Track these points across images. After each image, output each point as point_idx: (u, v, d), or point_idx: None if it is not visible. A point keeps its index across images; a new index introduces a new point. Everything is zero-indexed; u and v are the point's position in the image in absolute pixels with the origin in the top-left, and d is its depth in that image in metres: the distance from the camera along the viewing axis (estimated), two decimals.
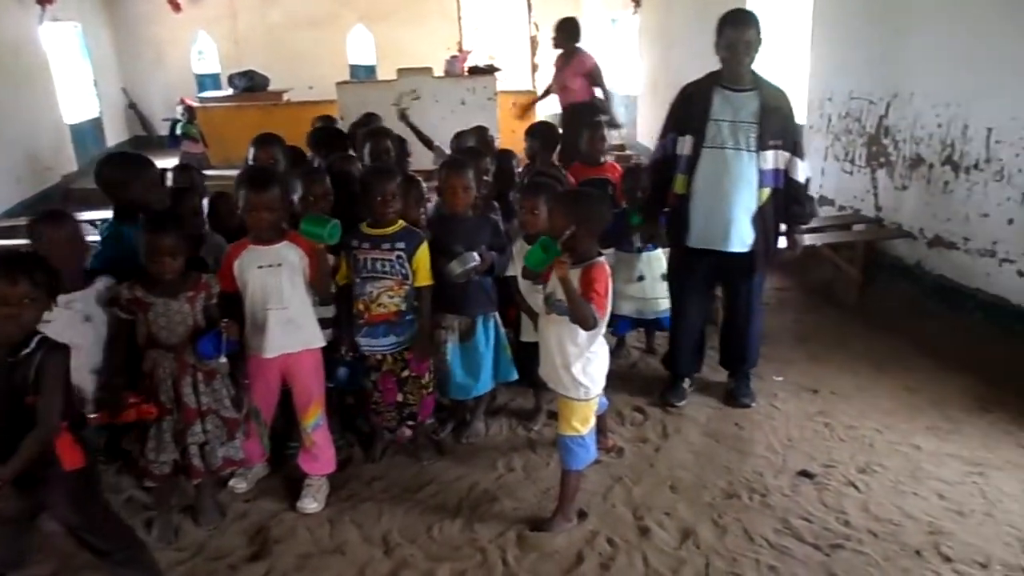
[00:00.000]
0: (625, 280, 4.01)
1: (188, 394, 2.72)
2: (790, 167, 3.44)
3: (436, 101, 8.91)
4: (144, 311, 2.65)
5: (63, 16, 10.53)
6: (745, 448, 3.47)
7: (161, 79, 12.90)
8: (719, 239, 3.48)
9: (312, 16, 13.02)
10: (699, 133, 3.40)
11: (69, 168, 10.13)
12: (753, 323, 3.79)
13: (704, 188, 3.44)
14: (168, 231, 2.62)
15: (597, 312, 2.57)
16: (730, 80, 3.40)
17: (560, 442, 2.82)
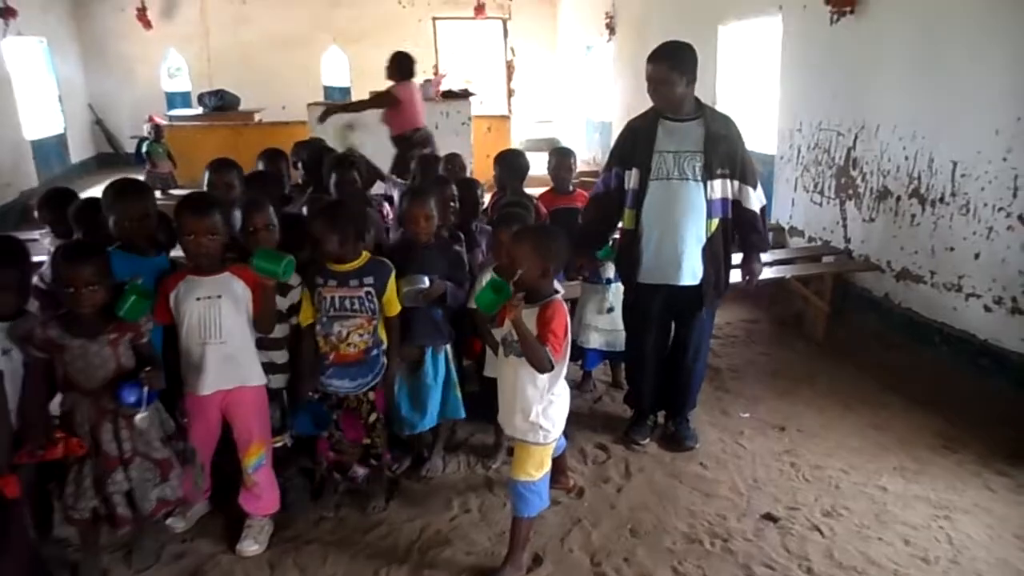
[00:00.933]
0: (595, 312, 3.94)
1: (108, 440, 2.52)
2: (741, 196, 3.36)
3: None
4: (59, 353, 2.45)
5: (27, 31, 10.36)
6: (709, 489, 3.36)
7: (129, 96, 12.73)
8: (670, 273, 3.40)
9: (286, 36, 12.94)
10: (644, 166, 3.33)
11: (29, 184, 9.91)
12: (699, 362, 3.66)
13: (652, 221, 3.36)
14: (88, 258, 2.42)
15: (553, 355, 2.46)
16: (670, 111, 3.33)
17: (512, 488, 2.70)
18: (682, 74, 3.22)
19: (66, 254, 2.44)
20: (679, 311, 3.56)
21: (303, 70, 13.02)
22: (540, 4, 13.43)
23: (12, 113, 9.83)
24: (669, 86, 3.23)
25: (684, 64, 3.24)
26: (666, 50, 3.28)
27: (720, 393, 4.21)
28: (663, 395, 3.80)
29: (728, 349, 4.91)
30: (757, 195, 3.37)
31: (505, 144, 10.94)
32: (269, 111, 11.71)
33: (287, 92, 11.61)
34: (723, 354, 4.80)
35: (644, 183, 3.35)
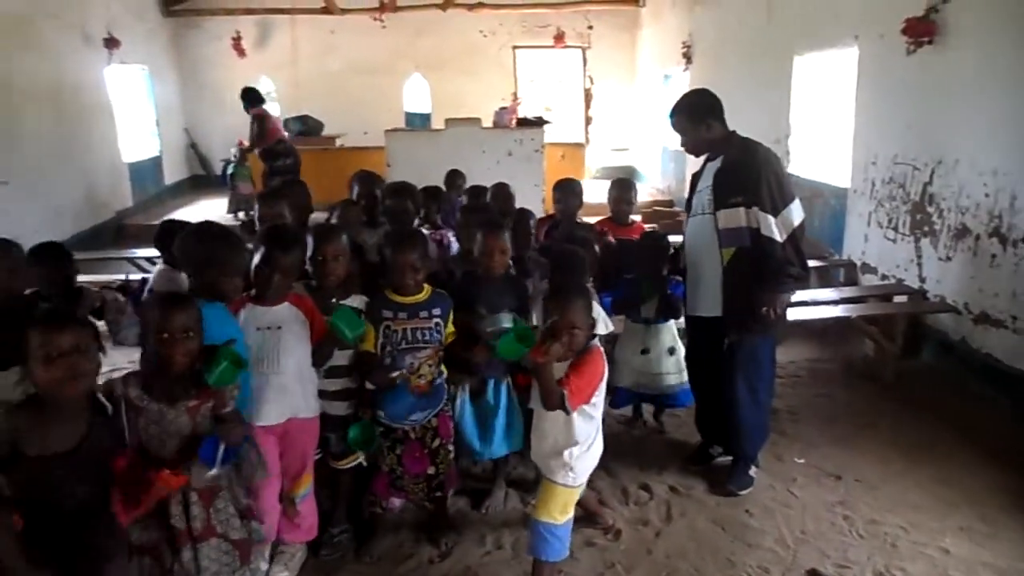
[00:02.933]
0: (630, 352, 3.87)
1: (176, 516, 2.27)
2: (760, 224, 3.24)
3: (483, 152, 8.94)
4: (136, 414, 2.22)
5: (131, 59, 10.99)
6: (753, 539, 3.21)
7: (221, 121, 13.29)
8: (696, 304, 3.55)
9: (371, 64, 13.32)
10: (688, 207, 3.62)
11: (124, 204, 10.47)
12: (742, 403, 3.46)
13: (688, 257, 3.59)
14: (185, 305, 2.27)
15: (569, 398, 2.41)
16: (702, 154, 3.53)
17: (534, 527, 2.65)
18: (700, 121, 3.39)
19: (161, 300, 2.34)
20: (714, 344, 3.46)
21: (386, 97, 13.35)
22: (620, 33, 13.42)
23: (112, 137, 10.44)
24: (690, 135, 3.46)
25: (701, 112, 3.41)
26: (680, 103, 3.51)
27: (775, 436, 4.00)
28: (714, 430, 3.74)
29: (788, 389, 4.71)
30: (779, 221, 3.21)
31: (579, 172, 10.98)
32: (351, 136, 12.05)
33: (370, 118, 11.91)
34: (782, 394, 4.59)
35: (687, 224, 3.61)
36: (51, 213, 8.30)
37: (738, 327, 3.36)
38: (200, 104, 13.40)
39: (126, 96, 11.23)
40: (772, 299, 3.29)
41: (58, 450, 1.95)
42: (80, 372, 1.96)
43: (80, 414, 2.01)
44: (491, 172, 7.87)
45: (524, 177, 8.87)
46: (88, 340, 1.99)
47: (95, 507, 2.03)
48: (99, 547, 2.05)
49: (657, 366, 3.83)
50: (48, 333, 1.94)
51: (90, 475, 2.00)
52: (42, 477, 1.95)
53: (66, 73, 9.08)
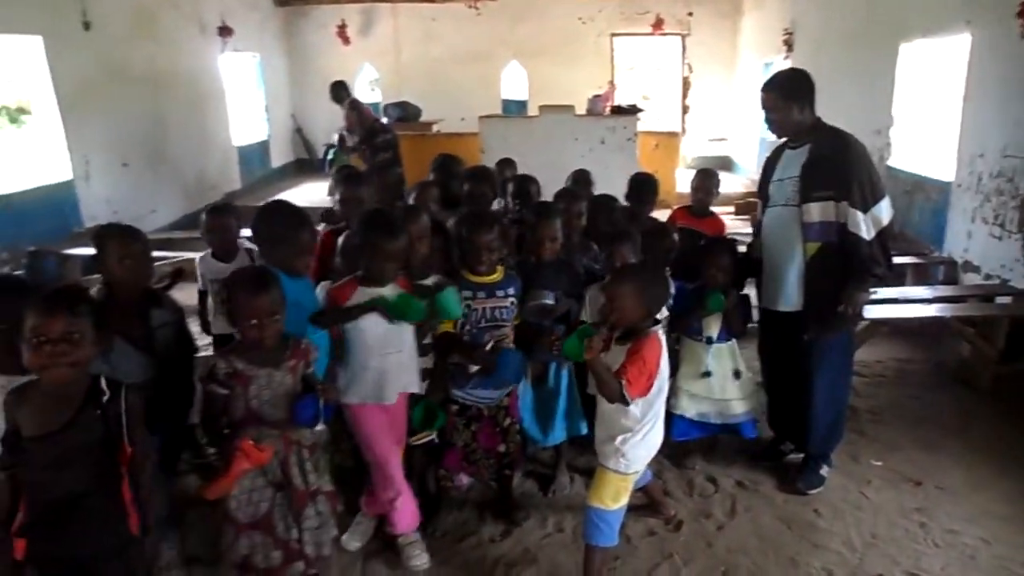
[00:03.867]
0: (689, 375, 3.46)
1: (297, 475, 2.38)
2: (848, 219, 3.13)
3: (575, 139, 8.93)
4: (245, 385, 2.31)
5: (243, 47, 11.51)
6: (819, 540, 3.13)
7: (326, 107, 13.70)
8: (772, 298, 3.42)
9: (471, 51, 13.47)
10: (764, 195, 3.48)
11: (233, 186, 11.00)
12: (819, 401, 3.38)
13: (764, 249, 3.45)
14: (268, 288, 2.31)
15: (627, 388, 2.41)
16: (790, 140, 3.36)
17: (586, 512, 2.67)
18: (794, 102, 3.22)
19: (245, 285, 2.31)
20: (792, 340, 3.37)
21: (484, 84, 13.48)
22: (720, 20, 13.07)
23: (224, 121, 10.99)
24: (780, 113, 3.25)
25: (796, 92, 3.24)
26: (777, 79, 3.35)
27: (853, 436, 3.88)
28: (790, 427, 3.65)
29: (871, 389, 4.53)
30: (868, 218, 3.10)
31: (673, 161, 10.81)
32: (448, 122, 12.23)
33: (467, 104, 12.03)
34: (865, 394, 4.43)
35: (763, 213, 3.47)
36: (166, 194, 8.82)
37: (819, 323, 3.27)
38: (306, 90, 13.88)
39: (238, 82, 11.77)
40: (854, 297, 3.20)
41: (44, 432, 1.91)
42: (67, 360, 1.89)
43: (71, 399, 1.93)
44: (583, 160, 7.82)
45: (616, 165, 8.77)
46: (82, 328, 1.91)
47: (88, 500, 1.95)
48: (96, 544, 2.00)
49: (721, 391, 3.44)
50: (39, 318, 1.88)
51: (75, 462, 1.93)
52: (31, 458, 1.92)
53: (183, 61, 9.61)
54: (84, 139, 7.18)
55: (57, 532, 1.94)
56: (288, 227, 2.79)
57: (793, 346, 3.37)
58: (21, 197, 6.41)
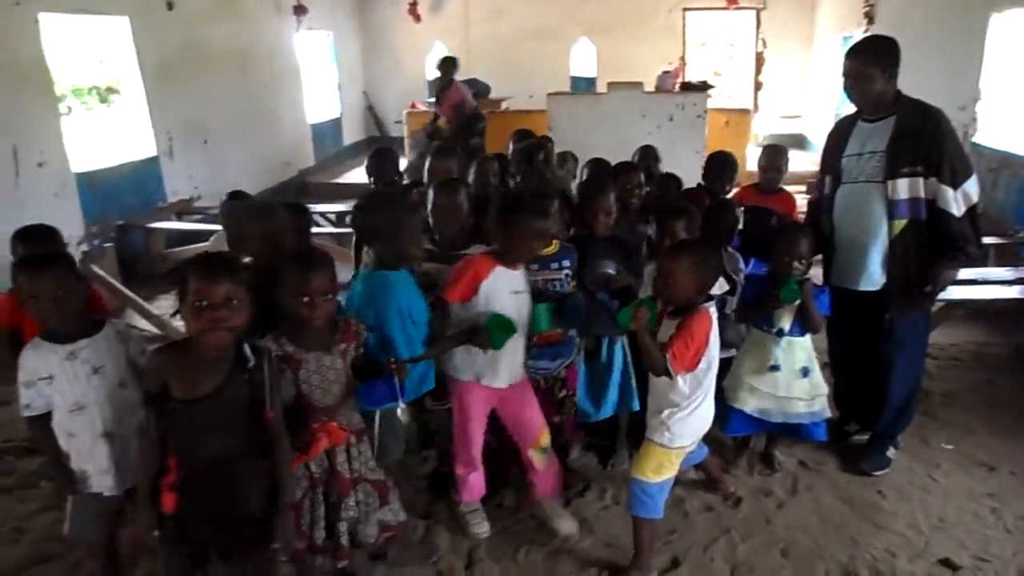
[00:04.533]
0: (754, 367, 3.24)
1: (342, 461, 2.37)
2: (937, 196, 3.03)
3: (643, 116, 8.82)
4: (295, 370, 2.28)
5: (317, 25, 11.72)
6: (882, 521, 3.09)
7: (397, 84, 13.93)
8: (850, 278, 3.29)
9: (540, 28, 13.41)
10: (835, 171, 3.31)
11: (307, 163, 11.26)
12: (896, 381, 3.31)
13: (838, 227, 3.31)
14: (323, 266, 2.29)
15: (672, 362, 2.43)
16: (866, 112, 3.20)
17: (630, 484, 2.70)
18: (883, 69, 3.05)
19: (300, 262, 2.29)
20: (868, 319, 3.29)
21: (553, 61, 13.39)
22: None
23: (299, 99, 11.23)
24: (867, 81, 3.07)
25: (886, 58, 3.07)
26: (867, 43, 3.21)
27: (924, 419, 3.79)
28: (857, 407, 3.59)
29: (946, 372, 4.40)
30: (958, 194, 3.00)
31: (743, 139, 10.57)
32: (516, 99, 12.21)
33: (536, 82, 11.97)
34: (938, 376, 4.31)
35: (834, 189, 3.31)
36: (243, 170, 9.07)
37: (903, 302, 3.19)
38: (378, 68, 14.08)
39: (312, 60, 12.00)
40: (943, 276, 3.13)
41: (197, 395, 1.96)
42: (227, 324, 1.93)
43: (222, 363, 1.99)
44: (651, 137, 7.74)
45: (684, 143, 8.67)
46: (241, 295, 1.96)
47: (237, 463, 2.02)
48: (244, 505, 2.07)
49: (787, 388, 3.19)
50: (204, 281, 1.91)
51: (224, 426, 2.00)
52: (183, 420, 1.98)
53: (260, 39, 9.84)
54: (167, 116, 7.45)
55: (208, 492, 2.01)
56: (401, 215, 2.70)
57: (867, 325, 3.30)
58: (109, 173, 6.69)
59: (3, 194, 5.46)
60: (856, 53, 3.12)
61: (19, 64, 5.58)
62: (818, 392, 3.24)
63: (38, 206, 5.71)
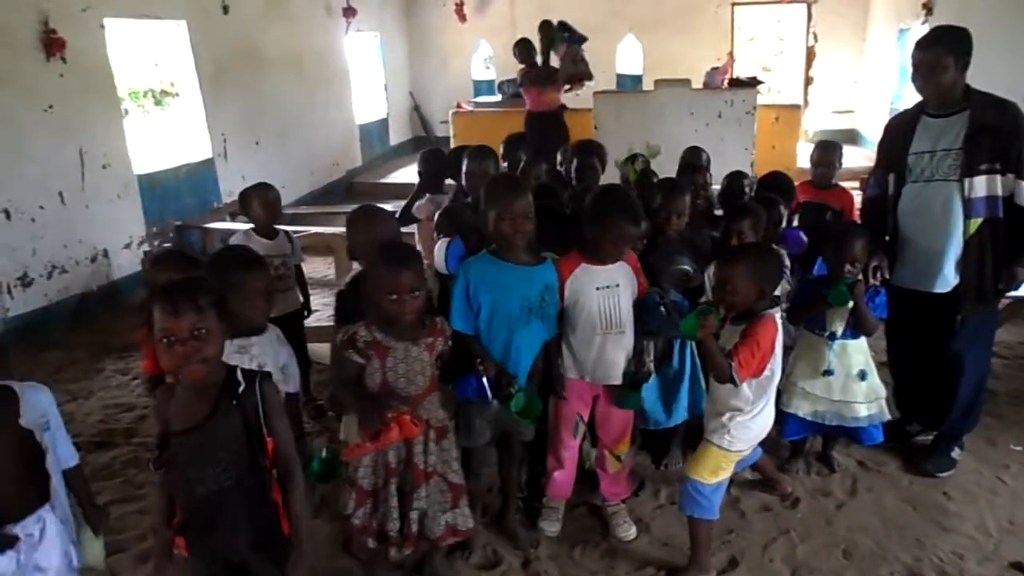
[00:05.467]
0: (808, 371, 3.18)
1: (419, 453, 2.41)
2: (1016, 193, 2.94)
3: (691, 114, 8.74)
4: (382, 357, 2.34)
5: (365, 27, 11.86)
6: (949, 523, 3.02)
7: (443, 84, 14.00)
8: (921, 280, 3.18)
9: (585, 25, 13.09)
10: (899, 169, 3.16)
11: (354, 164, 11.40)
12: (965, 381, 3.23)
13: (905, 227, 3.19)
14: (411, 263, 2.34)
15: (738, 370, 2.41)
16: (933, 106, 3.07)
17: (683, 484, 2.68)
18: (957, 59, 2.93)
19: (388, 259, 2.31)
20: (936, 319, 3.21)
21: (598, 58, 13.14)
22: None
23: (348, 100, 11.37)
24: (940, 73, 2.95)
25: (960, 47, 2.94)
26: (940, 33, 3.04)
27: (990, 419, 3.68)
28: (921, 408, 3.50)
29: (1013, 372, 4.28)
30: None
31: (794, 135, 10.39)
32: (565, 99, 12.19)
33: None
34: (1004, 376, 4.19)
35: (899, 188, 3.17)
36: (293, 171, 9.24)
37: (976, 302, 3.10)
38: (424, 68, 14.17)
39: (360, 62, 12.14)
40: (1020, 274, 3.06)
41: (188, 426, 1.89)
42: (198, 357, 1.82)
43: (209, 391, 1.89)
44: (699, 135, 7.72)
45: (733, 140, 8.57)
46: (209, 322, 1.84)
47: (233, 495, 1.92)
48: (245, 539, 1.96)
49: (842, 392, 3.13)
50: (167, 317, 1.80)
51: (218, 456, 1.89)
52: (178, 455, 1.92)
53: (310, 41, 10.00)
54: (221, 118, 7.63)
55: (207, 527, 1.94)
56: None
57: (933, 325, 3.22)
58: (167, 175, 6.89)
59: (70, 196, 5.66)
60: (929, 43, 3.00)
61: (85, 68, 5.77)
62: (877, 395, 3.17)
63: (102, 207, 5.90)
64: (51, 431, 2.09)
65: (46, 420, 2.07)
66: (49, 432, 2.08)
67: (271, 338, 2.51)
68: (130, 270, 6.17)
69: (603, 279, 2.73)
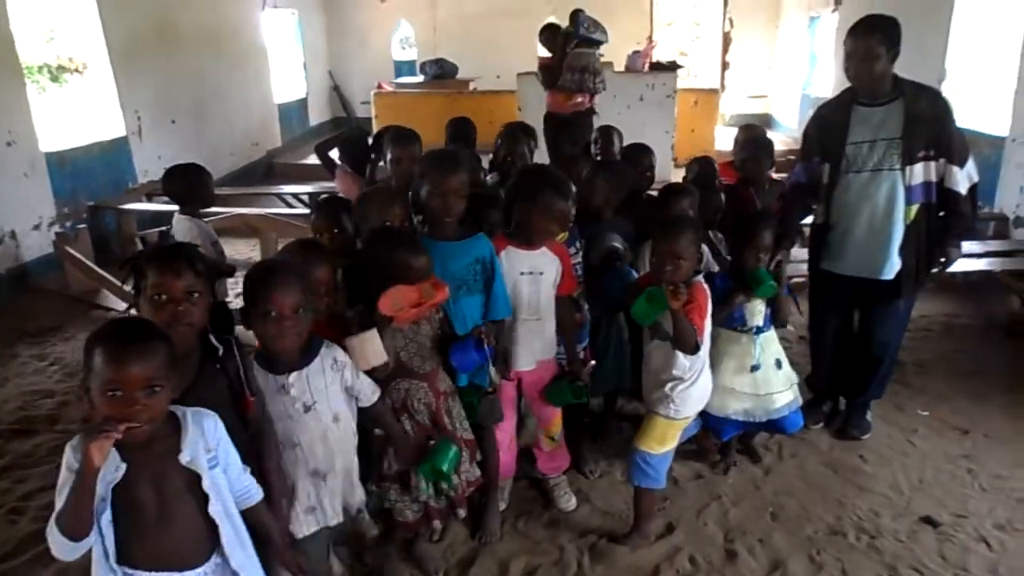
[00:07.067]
0: (734, 370, 3.01)
1: (448, 422, 2.49)
2: (946, 176, 3.09)
3: (614, 96, 8.84)
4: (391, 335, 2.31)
5: (283, 3, 11.54)
6: (865, 484, 3.21)
7: (362, 64, 13.79)
8: (865, 267, 3.24)
9: (507, 7, 13.32)
10: (835, 159, 3.18)
11: (274, 144, 11.13)
12: (888, 353, 3.44)
13: (846, 216, 3.22)
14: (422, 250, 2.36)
15: (698, 335, 2.50)
16: (865, 95, 3.12)
17: (631, 455, 2.76)
18: (889, 48, 2.99)
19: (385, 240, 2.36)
20: (871, 301, 3.36)
21: (521, 40, 13.23)
22: None
23: (266, 79, 11.08)
24: (873, 61, 2.98)
25: (892, 37, 3.00)
26: (874, 21, 3.04)
27: (898, 387, 3.92)
28: (843, 381, 3.65)
29: (918, 343, 4.54)
30: (964, 174, 3.08)
31: (711, 119, 10.70)
32: (484, 80, 12.17)
33: (504, 62, 11.92)
34: (912, 347, 4.42)
35: (834, 177, 3.21)
36: (211, 151, 8.92)
37: (914, 283, 3.27)
38: (343, 47, 13.91)
39: (277, 40, 11.82)
40: (956, 253, 3.22)
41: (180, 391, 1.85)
42: (188, 319, 1.80)
43: (190, 357, 1.85)
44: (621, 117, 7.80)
45: (655, 123, 8.78)
46: (202, 286, 1.84)
47: None
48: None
49: (766, 384, 3.02)
50: (164, 275, 1.79)
51: None
52: None
53: (226, 17, 9.67)
54: (136, 96, 7.32)
55: None
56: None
57: (870, 307, 3.38)
58: (77, 153, 6.56)
59: None
60: (863, 31, 3.00)
61: None
62: (792, 381, 3.12)
63: (7, 186, 5.60)
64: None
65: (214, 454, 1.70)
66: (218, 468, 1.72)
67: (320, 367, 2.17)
68: (40, 252, 5.87)
69: (528, 264, 2.68)
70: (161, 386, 1.53)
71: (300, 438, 2.09)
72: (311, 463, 2.12)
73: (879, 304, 3.34)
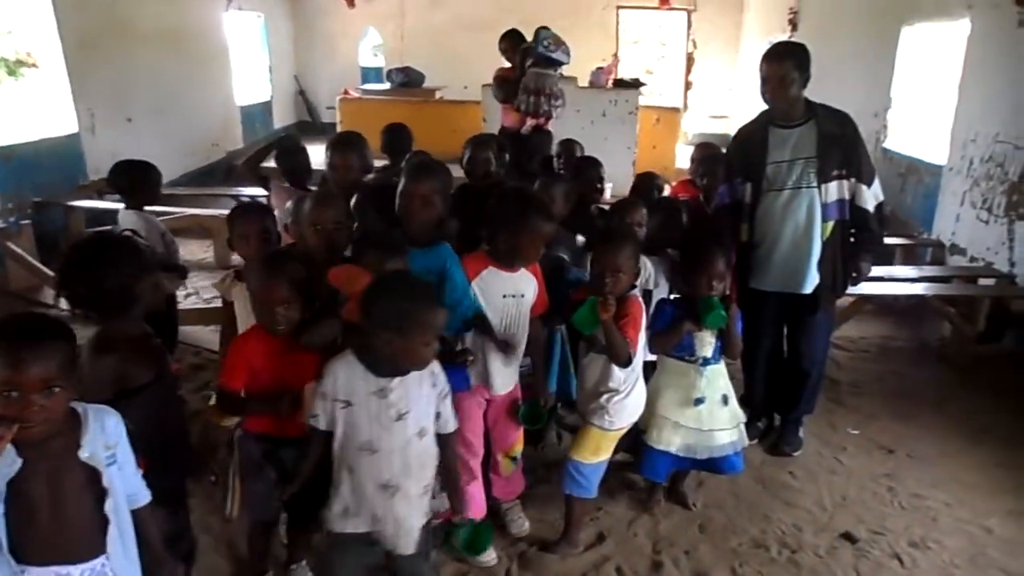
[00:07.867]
0: (678, 402, 2.90)
1: None
2: (856, 195, 3.26)
3: (577, 111, 8.94)
4: None
5: (248, 6, 11.49)
6: (791, 499, 3.30)
7: (329, 70, 13.77)
8: (787, 282, 3.35)
9: (475, 19, 13.41)
10: (756, 178, 3.29)
11: (235, 146, 11.04)
12: (815, 367, 3.56)
13: (768, 233, 3.32)
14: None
15: (631, 348, 2.56)
16: (780, 117, 3.27)
17: (565, 465, 2.81)
18: (801, 73, 3.16)
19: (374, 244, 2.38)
20: (793, 315, 3.49)
21: (488, 52, 13.20)
22: None
23: (227, 80, 11.00)
24: (789, 87, 3.15)
25: (804, 63, 3.17)
26: (787, 48, 3.26)
27: (832, 406, 4.06)
28: (776, 397, 3.74)
29: (854, 363, 4.69)
30: (872, 192, 3.27)
31: (673, 137, 10.86)
32: (450, 90, 12.23)
33: (471, 72, 11.92)
34: (847, 367, 4.59)
35: (756, 196, 3.32)
36: (169, 151, 8.82)
37: (830, 297, 3.42)
38: (310, 52, 13.90)
39: (242, 42, 11.75)
40: (867, 268, 3.40)
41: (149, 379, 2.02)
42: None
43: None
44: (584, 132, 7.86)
45: (617, 138, 8.91)
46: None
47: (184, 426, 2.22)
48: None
49: (710, 420, 2.90)
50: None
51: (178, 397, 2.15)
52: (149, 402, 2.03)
53: (187, 17, 9.60)
54: (89, 92, 7.21)
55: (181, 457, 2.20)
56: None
57: (793, 322, 3.51)
58: (25, 149, 6.44)
59: None
60: (778, 57, 3.17)
61: None
62: (738, 419, 3.00)
63: None
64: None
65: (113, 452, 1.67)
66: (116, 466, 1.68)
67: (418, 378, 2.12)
68: None
69: (511, 287, 2.63)
70: (60, 386, 1.49)
71: (381, 445, 2.03)
72: (384, 474, 2.05)
73: (803, 319, 3.46)
